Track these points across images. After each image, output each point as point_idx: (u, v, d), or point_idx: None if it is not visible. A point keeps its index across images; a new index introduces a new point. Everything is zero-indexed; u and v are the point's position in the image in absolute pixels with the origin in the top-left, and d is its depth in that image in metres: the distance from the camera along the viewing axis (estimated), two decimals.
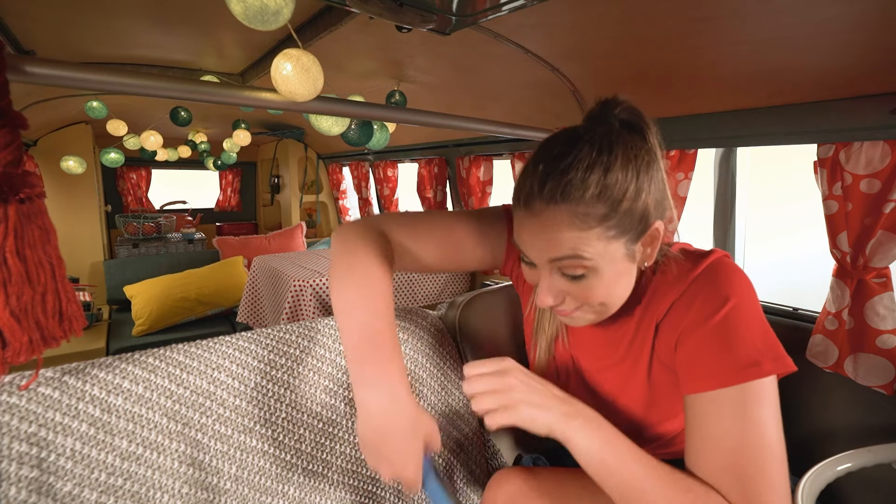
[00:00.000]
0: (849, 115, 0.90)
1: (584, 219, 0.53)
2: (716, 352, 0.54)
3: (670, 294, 0.60)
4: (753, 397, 0.51)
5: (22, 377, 0.56)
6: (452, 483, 0.85)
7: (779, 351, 0.54)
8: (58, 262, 0.51)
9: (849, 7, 0.67)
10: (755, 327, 0.54)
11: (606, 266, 0.55)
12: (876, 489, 0.93)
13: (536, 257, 0.58)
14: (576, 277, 0.56)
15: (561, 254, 0.55)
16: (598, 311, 0.60)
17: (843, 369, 0.96)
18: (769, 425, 0.51)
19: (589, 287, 0.57)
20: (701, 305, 0.57)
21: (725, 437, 0.51)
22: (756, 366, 0.52)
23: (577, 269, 0.55)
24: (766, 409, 0.51)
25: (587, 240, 0.54)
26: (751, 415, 0.51)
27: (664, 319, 0.61)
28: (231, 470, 0.67)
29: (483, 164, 2.12)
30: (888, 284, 0.91)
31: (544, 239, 0.56)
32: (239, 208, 4.44)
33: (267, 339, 0.74)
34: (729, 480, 0.51)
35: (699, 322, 0.56)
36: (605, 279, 0.56)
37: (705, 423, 0.53)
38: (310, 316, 1.90)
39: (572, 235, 0.53)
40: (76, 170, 2.14)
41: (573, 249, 0.54)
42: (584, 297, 0.58)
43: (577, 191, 0.53)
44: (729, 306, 0.54)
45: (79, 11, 1.04)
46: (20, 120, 0.48)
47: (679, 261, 0.62)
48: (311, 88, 0.83)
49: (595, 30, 0.93)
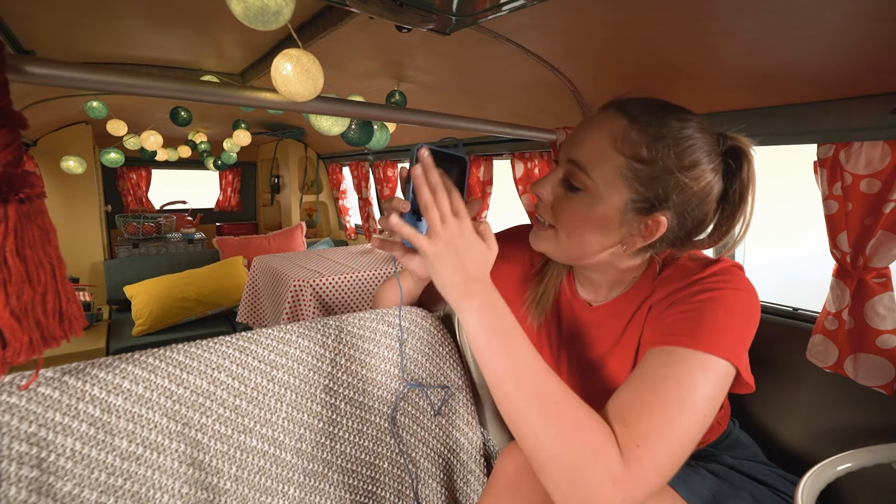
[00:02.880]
0: (849, 115, 0.90)
1: (623, 141, 0.57)
2: (688, 318, 0.56)
3: (671, 286, 0.62)
4: (699, 364, 0.51)
5: (22, 377, 0.56)
6: (451, 483, 0.85)
7: (742, 352, 0.54)
8: (58, 262, 0.51)
9: (849, 7, 0.67)
10: (734, 319, 0.55)
11: (601, 200, 0.59)
12: (876, 489, 0.93)
13: (563, 152, 0.62)
14: (572, 189, 0.60)
15: (576, 157, 0.60)
16: (560, 244, 0.63)
17: (843, 369, 0.96)
18: (699, 392, 0.50)
19: (569, 205, 0.60)
20: (699, 286, 0.58)
21: (654, 380, 0.51)
22: (714, 342, 0.52)
23: (576, 178, 0.59)
24: (704, 381, 0.51)
25: (604, 161, 0.58)
26: (690, 374, 0.51)
27: (659, 302, 0.63)
28: (231, 470, 0.67)
29: (483, 164, 2.12)
30: (888, 284, 0.91)
31: (580, 136, 0.61)
32: (239, 208, 4.44)
33: (267, 339, 0.74)
34: (628, 408, 0.49)
35: (690, 295, 0.58)
36: (587, 211, 0.59)
37: (644, 368, 0.53)
38: (310, 316, 1.90)
39: (599, 147, 0.58)
40: (76, 170, 2.14)
41: (587, 158, 0.59)
42: (565, 214, 0.61)
43: (648, 123, 0.57)
44: (721, 292, 0.56)
45: (79, 11, 1.04)
46: (20, 120, 0.48)
47: (688, 263, 0.64)
48: (311, 88, 0.83)
49: (595, 30, 0.93)
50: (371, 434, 0.79)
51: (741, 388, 0.57)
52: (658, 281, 0.65)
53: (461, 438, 0.86)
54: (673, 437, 0.47)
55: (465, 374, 0.88)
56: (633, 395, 0.51)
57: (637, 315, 0.66)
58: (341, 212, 3.72)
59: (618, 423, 0.48)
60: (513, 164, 1.89)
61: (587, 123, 0.61)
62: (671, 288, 0.62)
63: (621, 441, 0.46)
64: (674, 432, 0.47)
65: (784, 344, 1.09)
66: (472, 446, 0.86)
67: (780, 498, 0.72)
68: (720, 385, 0.52)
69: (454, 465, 0.85)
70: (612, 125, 0.58)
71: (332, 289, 1.97)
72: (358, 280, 2.05)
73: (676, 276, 0.63)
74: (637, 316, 0.66)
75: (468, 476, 0.85)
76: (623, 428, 0.47)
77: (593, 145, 0.59)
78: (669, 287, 0.62)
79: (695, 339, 0.53)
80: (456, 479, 0.85)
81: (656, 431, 0.47)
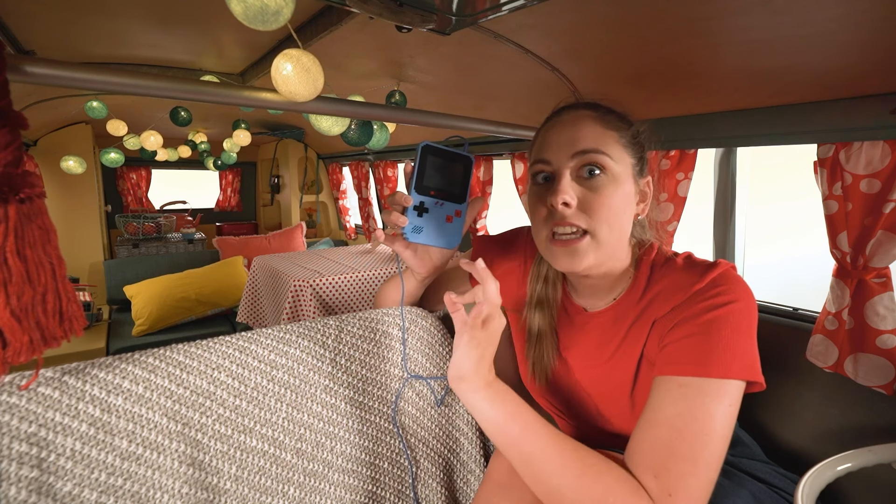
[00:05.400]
0: (849, 115, 0.90)
1: (604, 122, 0.63)
2: (695, 344, 0.55)
3: (672, 300, 0.61)
4: (713, 392, 0.52)
5: (22, 377, 0.56)
6: (451, 483, 0.85)
7: (754, 365, 0.55)
8: (58, 261, 0.51)
9: (849, 7, 0.67)
10: (741, 336, 0.55)
11: (620, 175, 0.62)
12: (876, 489, 0.93)
13: (560, 155, 0.62)
14: (592, 176, 0.61)
15: (585, 146, 0.61)
16: (601, 245, 0.62)
17: (843, 369, 0.96)
18: (717, 421, 0.51)
19: (602, 193, 0.61)
20: (701, 304, 0.58)
21: (672, 419, 0.52)
22: (726, 366, 0.53)
23: (597, 162, 0.61)
24: (720, 407, 0.52)
25: (606, 139, 0.62)
26: (705, 406, 0.51)
27: (662, 319, 0.62)
28: (231, 470, 0.67)
29: (483, 164, 2.12)
30: (888, 284, 0.91)
31: (570, 135, 0.62)
32: (239, 208, 4.44)
33: (267, 339, 0.74)
34: (654, 457, 0.51)
35: (693, 316, 0.58)
36: (616, 192, 0.61)
37: (660, 404, 0.54)
38: (310, 316, 1.90)
39: (595, 131, 0.62)
40: (76, 170, 2.14)
41: (595, 143, 0.61)
42: (597, 202, 0.60)
43: (601, 108, 0.65)
44: (724, 309, 0.56)
45: (79, 11, 1.04)
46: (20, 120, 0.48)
47: (684, 269, 0.63)
48: (311, 88, 0.83)
49: (595, 30, 0.93)
50: (371, 434, 0.79)
51: (754, 388, 0.57)
52: (654, 286, 0.65)
53: (461, 439, 0.86)
54: (701, 473, 0.49)
55: None
56: (654, 441, 0.51)
57: (638, 325, 0.65)
58: (341, 212, 3.72)
59: (645, 474, 0.50)
60: (513, 164, 1.89)
61: (564, 123, 0.65)
62: (673, 302, 0.61)
63: (654, 494, 0.48)
64: (701, 469, 0.49)
65: (784, 344, 1.09)
66: (472, 446, 0.86)
67: (780, 496, 0.71)
68: (735, 404, 0.53)
69: (454, 466, 0.85)
70: (587, 115, 0.64)
71: (332, 289, 1.97)
72: (358, 280, 2.05)
73: (675, 286, 0.62)
74: (638, 326, 0.65)
75: (468, 476, 0.85)
76: (651, 479, 0.49)
77: (588, 131, 0.62)
78: (671, 301, 0.61)
79: (706, 367, 0.53)
80: (456, 479, 0.85)
81: (686, 474, 0.48)
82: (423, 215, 0.66)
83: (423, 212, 0.66)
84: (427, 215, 0.66)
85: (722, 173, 1.30)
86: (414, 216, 0.65)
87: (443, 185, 0.67)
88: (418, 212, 0.66)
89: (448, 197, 0.68)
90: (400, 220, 0.63)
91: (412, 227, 0.65)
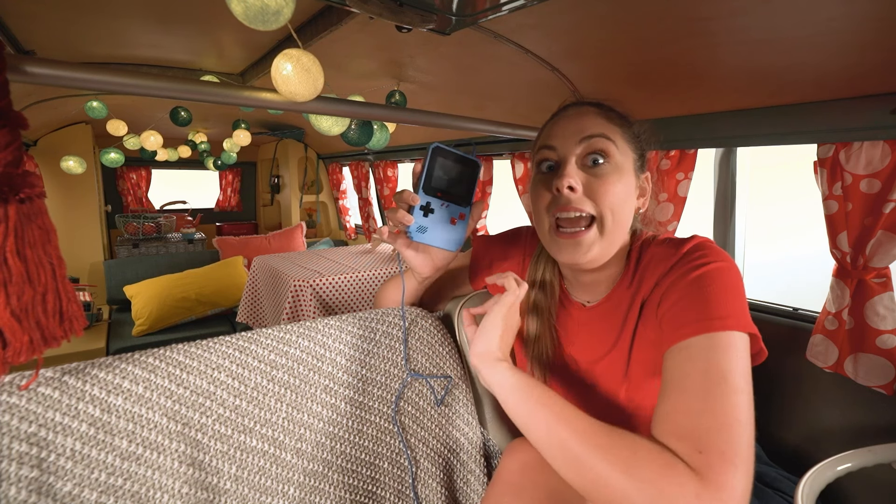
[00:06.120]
0: (849, 115, 0.90)
1: (608, 116, 0.65)
2: (687, 305, 0.56)
3: (654, 275, 0.63)
4: (721, 346, 0.51)
5: (22, 377, 0.56)
6: (451, 483, 0.85)
7: (746, 317, 0.55)
8: (58, 261, 0.51)
9: (849, 7, 0.67)
10: (728, 292, 0.55)
11: (623, 165, 0.63)
12: (876, 489, 0.93)
13: (566, 142, 0.64)
14: (597, 165, 0.62)
15: (591, 132, 0.63)
16: (607, 234, 0.62)
17: (843, 369, 0.96)
18: (735, 374, 0.49)
19: (606, 181, 0.62)
20: (683, 268, 0.59)
21: (683, 384, 0.50)
22: (722, 319, 0.52)
23: (603, 148, 0.62)
24: (732, 360, 0.50)
25: (612, 129, 0.64)
26: (717, 361, 0.50)
27: (650, 296, 0.63)
28: (231, 470, 0.67)
29: (483, 164, 2.12)
30: (888, 284, 0.91)
31: (577, 124, 0.64)
32: (239, 208, 4.44)
33: (267, 339, 0.74)
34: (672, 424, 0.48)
35: (679, 278, 0.59)
36: (620, 181, 0.62)
37: (675, 372, 0.53)
38: (310, 316, 1.90)
39: (600, 121, 0.64)
40: (76, 170, 2.14)
41: (602, 129, 0.63)
42: (601, 191, 0.61)
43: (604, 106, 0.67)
44: (707, 268, 0.57)
45: (79, 11, 1.04)
46: (20, 120, 0.48)
47: (663, 246, 0.65)
48: (312, 88, 0.83)
49: (595, 30, 0.93)
50: (371, 434, 0.79)
51: (758, 357, 0.57)
52: (639, 269, 0.66)
53: (461, 438, 0.86)
54: (727, 426, 0.46)
55: (465, 372, 0.89)
56: (671, 407, 0.50)
57: (631, 312, 0.65)
58: (341, 212, 3.72)
59: (671, 439, 0.47)
60: (513, 164, 1.89)
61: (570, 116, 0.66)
62: (655, 277, 0.62)
63: (683, 454, 0.45)
64: (725, 421, 0.46)
65: (784, 344, 1.09)
66: (472, 446, 0.86)
67: (780, 497, 0.72)
68: (744, 357, 0.52)
69: (454, 465, 0.85)
70: (591, 110, 0.66)
71: (332, 289, 1.97)
72: (358, 280, 2.05)
73: (654, 263, 0.63)
74: (631, 313, 0.65)
75: (468, 476, 0.85)
76: (678, 442, 0.46)
77: (594, 120, 0.64)
78: (653, 276, 0.62)
79: (702, 324, 0.53)
80: (456, 479, 0.85)
81: (711, 430, 0.46)
82: (429, 216, 0.67)
83: (428, 212, 0.66)
84: (432, 216, 0.67)
85: (722, 173, 1.30)
86: (419, 216, 0.66)
87: (450, 187, 0.68)
88: (424, 212, 0.66)
89: (454, 199, 0.68)
90: (406, 218, 0.64)
91: (417, 226, 0.66)
